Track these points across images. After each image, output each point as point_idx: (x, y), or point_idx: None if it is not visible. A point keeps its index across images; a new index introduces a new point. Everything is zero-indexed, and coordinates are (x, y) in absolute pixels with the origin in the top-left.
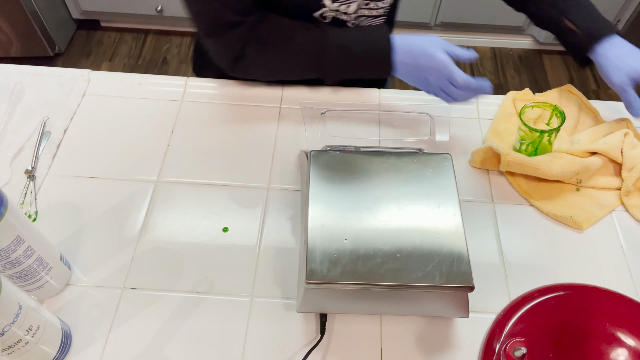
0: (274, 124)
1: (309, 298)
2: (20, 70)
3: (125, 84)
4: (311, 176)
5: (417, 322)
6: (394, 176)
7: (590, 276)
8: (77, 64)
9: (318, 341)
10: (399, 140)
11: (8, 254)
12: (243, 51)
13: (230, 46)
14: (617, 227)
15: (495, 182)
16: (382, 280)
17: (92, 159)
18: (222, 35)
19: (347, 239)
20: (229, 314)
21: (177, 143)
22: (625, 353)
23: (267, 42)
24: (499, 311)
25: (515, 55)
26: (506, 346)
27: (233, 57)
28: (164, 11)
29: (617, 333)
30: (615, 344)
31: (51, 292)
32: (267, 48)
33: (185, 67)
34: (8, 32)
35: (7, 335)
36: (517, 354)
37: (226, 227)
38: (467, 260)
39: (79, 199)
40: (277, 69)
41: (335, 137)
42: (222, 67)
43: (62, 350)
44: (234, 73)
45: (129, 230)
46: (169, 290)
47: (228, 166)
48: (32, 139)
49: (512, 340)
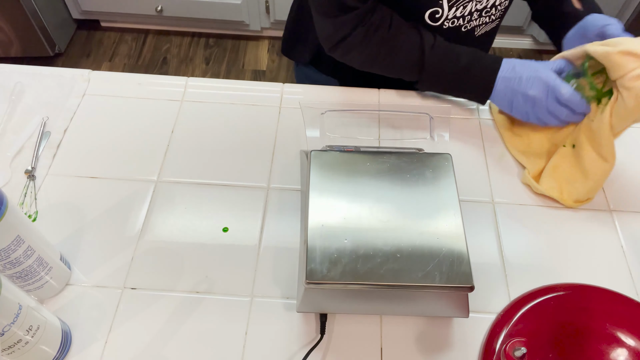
0: (274, 124)
1: (309, 298)
2: (20, 70)
3: (125, 84)
4: (311, 176)
5: (417, 322)
6: (394, 176)
7: (590, 276)
8: (77, 64)
9: (318, 341)
10: (399, 140)
11: (8, 254)
12: (350, 34)
13: (340, 27)
14: (617, 227)
15: (495, 182)
16: (382, 280)
17: (92, 159)
18: (336, 17)
19: (347, 239)
20: (229, 314)
21: (177, 143)
22: (625, 353)
23: (374, 32)
24: (499, 311)
25: (515, 55)
26: (506, 346)
27: (338, 39)
28: (164, 11)
29: (617, 333)
30: (615, 344)
31: (51, 292)
32: (372, 38)
33: (185, 67)
34: (8, 32)
35: (7, 335)
36: (517, 354)
37: (226, 227)
38: (467, 260)
39: (79, 199)
40: (375, 60)
41: (335, 137)
42: (325, 46)
43: (62, 350)
44: (334, 54)
45: (129, 230)
46: (169, 290)
47: (228, 166)
48: (32, 139)
49: (512, 340)
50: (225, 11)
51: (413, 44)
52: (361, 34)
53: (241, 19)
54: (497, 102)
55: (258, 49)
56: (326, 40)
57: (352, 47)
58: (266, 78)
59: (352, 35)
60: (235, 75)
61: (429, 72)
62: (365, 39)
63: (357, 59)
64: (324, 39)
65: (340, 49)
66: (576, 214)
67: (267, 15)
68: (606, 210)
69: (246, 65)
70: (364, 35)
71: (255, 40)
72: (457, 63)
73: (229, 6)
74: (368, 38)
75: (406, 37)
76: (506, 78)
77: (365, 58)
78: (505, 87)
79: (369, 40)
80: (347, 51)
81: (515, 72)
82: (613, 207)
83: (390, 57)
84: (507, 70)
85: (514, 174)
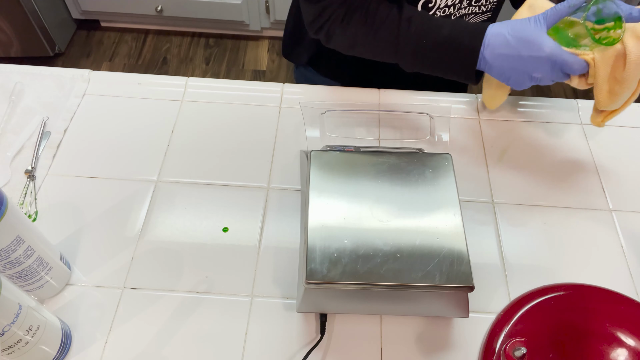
0: (274, 124)
1: (309, 298)
2: (20, 70)
3: (125, 84)
4: (311, 176)
5: (417, 322)
6: (394, 176)
7: (590, 276)
8: (77, 64)
9: (318, 341)
10: (399, 140)
11: (8, 254)
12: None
13: (322, 10)
14: (617, 227)
15: (495, 182)
16: (382, 280)
17: (92, 159)
18: (319, 1)
19: (347, 239)
20: (229, 314)
21: (177, 143)
22: (625, 353)
23: (353, 12)
24: (499, 311)
25: None
26: (506, 346)
27: (322, 22)
28: (164, 11)
29: (617, 333)
30: (615, 344)
31: (51, 292)
32: (352, 16)
33: (185, 67)
34: (8, 32)
35: (7, 335)
36: (517, 354)
37: (226, 227)
38: (467, 260)
39: (79, 199)
40: (356, 39)
41: (335, 137)
42: (310, 30)
43: (62, 350)
44: (319, 36)
45: (129, 230)
46: (169, 290)
47: (228, 166)
48: (32, 139)
49: (512, 340)
50: (225, 11)
51: (392, 17)
52: (341, 14)
53: (241, 19)
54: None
55: (258, 49)
56: (310, 25)
57: (334, 28)
58: (266, 78)
59: (333, 16)
60: (235, 75)
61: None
62: (346, 18)
63: (339, 41)
64: (308, 24)
65: (324, 32)
66: (576, 214)
67: (267, 15)
68: (606, 210)
69: (246, 65)
70: (344, 15)
71: (255, 40)
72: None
73: (229, 6)
74: (349, 16)
75: (385, 12)
76: (503, 55)
77: (347, 39)
78: (502, 65)
79: (350, 19)
80: (329, 34)
81: (511, 47)
82: (613, 207)
83: (371, 33)
84: (501, 46)
85: (514, 174)
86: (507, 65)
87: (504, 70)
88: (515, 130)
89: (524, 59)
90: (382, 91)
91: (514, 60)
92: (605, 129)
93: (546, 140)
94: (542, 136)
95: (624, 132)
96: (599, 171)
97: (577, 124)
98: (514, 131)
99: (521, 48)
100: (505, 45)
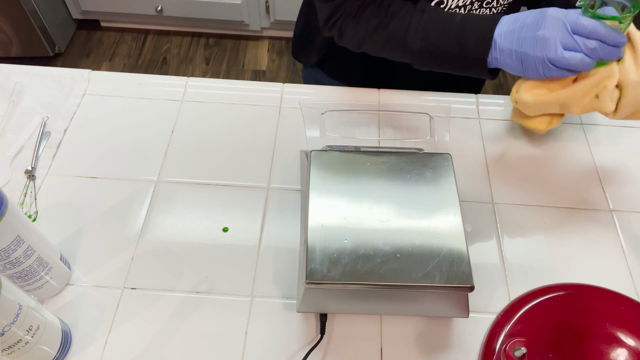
0: (274, 124)
1: (309, 298)
2: (20, 70)
3: (125, 84)
4: (311, 176)
5: (417, 322)
6: (394, 176)
7: (590, 276)
8: (77, 64)
9: (318, 341)
10: (399, 140)
11: (8, 254)
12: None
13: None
14: (617, 227)
15: (495, 182)
16: (382, 280)
17: (92, 159)
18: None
19: (347, 239)
20: (229, 314)
21: (177, 143)
22: (625, 353)
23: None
24: (499, 311)
25: None
26: (506, 346)
27: (335, 19)
28: (164, 11)
29: (617, 333)
30: (615, 344)
31: (51, 292)
32: (365, 10)
33: (185, 67)
34: (8, 32)
35: (7, 335)
36: (517, 354)
37: (226, 227)
38: (467, 260)
39: (79, 199)
40: (366, 33)
41: (335, 137)
42: (323, 29)
43: (62, 350)
44: (332, 33)
45: (129, 230)
46: (169, 290)
47: (228, 166)
48: (32, 139)
49: (512, 340)
50: (225, 11)
51: (405, 10)
52: (355, 8)
53: (241, 19)
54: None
55: (258, 49)
56: (324, 23)
57: (346, 23)
58: (266, 78)
59: (346, 12)
60: (235, 75)
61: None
62: (359, 12)
63: (350, 36)
64: (323, 22)
65: (336, 28)
66: (576, 214)
67: (267, 15)
68: (606, 210)
69: (246, 65)
70: (357, 9)
71: (255, 40)
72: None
73: (229, 6)
74: (361, 10)
75: (399, 6)
76: (509, 31)
77: (358, 32)
78: (509, 40)
79: (362, 12)
80: (342, 29)
81: (517, 21)
82: (613, 207)
83: (382, 25)
84: (507, 22)
85: (514, 174)
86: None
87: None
88: (516, 130)
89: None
90: (382, 91)
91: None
92: (606, 129)
93: (546, 140)
94: (542, 136)
95: (624, 132)
96: (599, 171)
97: (577, 124)
98: (514, 131)
99: (526, 16)
100: (512, 21)
